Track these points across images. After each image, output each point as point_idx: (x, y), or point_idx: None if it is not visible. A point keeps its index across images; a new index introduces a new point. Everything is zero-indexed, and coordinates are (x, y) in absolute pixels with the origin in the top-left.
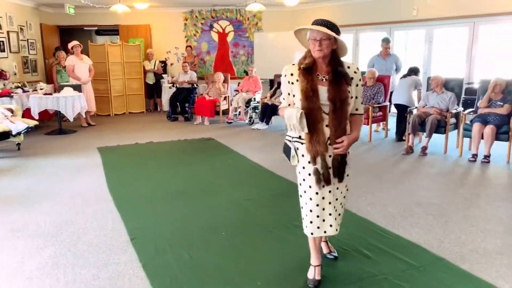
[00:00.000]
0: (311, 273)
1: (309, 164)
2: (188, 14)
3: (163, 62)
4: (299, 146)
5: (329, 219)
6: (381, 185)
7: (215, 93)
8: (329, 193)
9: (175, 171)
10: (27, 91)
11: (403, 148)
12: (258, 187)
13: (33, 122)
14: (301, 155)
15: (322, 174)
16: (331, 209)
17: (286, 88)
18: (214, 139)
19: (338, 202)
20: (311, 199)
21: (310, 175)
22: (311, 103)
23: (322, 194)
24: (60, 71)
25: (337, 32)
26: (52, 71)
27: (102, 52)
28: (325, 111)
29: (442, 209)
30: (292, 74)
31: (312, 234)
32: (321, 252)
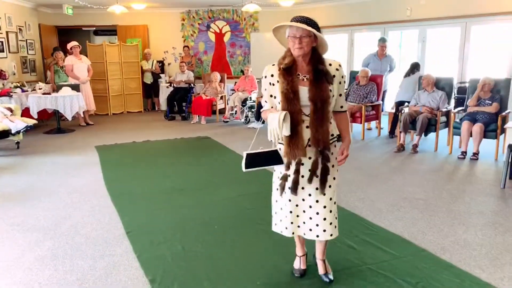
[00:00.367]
0: (297, 263)
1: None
2: (185, 14)
3: (161, 62)
4: (281, 148)
5: (304, 225)
6: (371, 181)
7: (211, 92)
8: (303, 201)
9: (171, 169)
10: (26, 90)
11: (395, 146)
12: (251, 184)
13: (32, 121)
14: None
15: (292, 180)
16: (305, 217)
17: (267, 90)
18: (211, 138)
19: (326, 210)
20: (281, 209)
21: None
22: (292, 105)
23: (295, 201)
24: (57, 71)
25: (317, 29)
26: (50, 71)
27: (100, 52)
28: (305, 113)
29: (428, 204)
30: (272, 75)
31: (288, 229)
32: (316, 272)
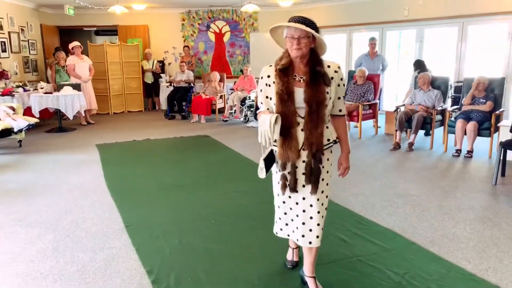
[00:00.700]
0: (290, 254)
1: (278, 172)
2: (185, 14)
3: (161, 61)
4: (276, 149)
5: (298, 230)
6: (365, 178)
7: (211, 92)
8: (297, 205)
9: (171, 166)
10: (28, 90)
11: (391, 145)
12: (248, 181)
13: (34, 120)
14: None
15: (289, 181)
16: (298, 222)
17: (263, 91)
18: (210, 136)
19: (307, 215)
20: (279, 207)
21: (279, 183)
22: (286, 107)
23: (289, 204)
24: (59, 70)
25: (316, 29)
26: (51, 71)
27: (101, 52)
28: (300, 115)
29: (420, 200)
30: (269, 76)
31: (288, 235)
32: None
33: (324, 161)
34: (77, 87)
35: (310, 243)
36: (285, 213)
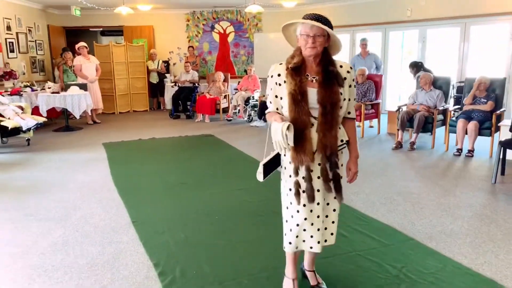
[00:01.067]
0: (289, 286)
1: (289, 178)
2: (190, 15)
3: (166, 62)
4: (286, 153)
5: (317, 234)
6: (367, 176)
7: (215, 91)
8: (318, 205)
9: (176, 165)
10: (35, 90)
11: (393, 144)
12: (252, 179)
13: (41, 119)
14: (288, 162)
15: (306, 188)
16: (319, 224)
17: (273, 90)
18: (214, 136)
19: (329, 219)
20: (292, 217)
21: (290, 190)
22: (299, 107)
23: (310, 206)
24: (66, 70)
25: (331, 28)
26: (59, 71)
27: (107, 52)
28: (314, 116)
29: (420, 198)
30: (279, 74)
31: (297, 248)
32: (308, 284)
33: (338, 163)
34: (83, 87)
35: (311, 248)
36: (297, 225)
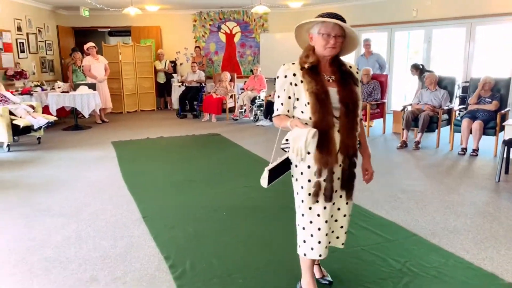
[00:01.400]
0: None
1: (309, 182)
2: (197, 15)
3: (173, 62)
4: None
5: (339, 232)
6: None
7: (222, 91)
8: (338, 210)
9: (184, 162)
10: (45, 89)
11: (398, 143)
12: (258, 177)
13: (52, 118)
14: (307, 166)
15: (325, 188)
16: (337, 225)
17: (287, 91)
18: (221, 135)
19: (346, 219)
20: (311, 222)
21: (309, 195)
22: (324, 107)
23: (330, 209)
24: (75, 70)
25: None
26: (68, 71)
27: (115, 53)
28: (335, 115)
29: (424, 196)
30: (294, 74)
31: (320, 256)
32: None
33: (356, 163)
34: (92, 86)
35: (342, 244)
36: (319, 229)
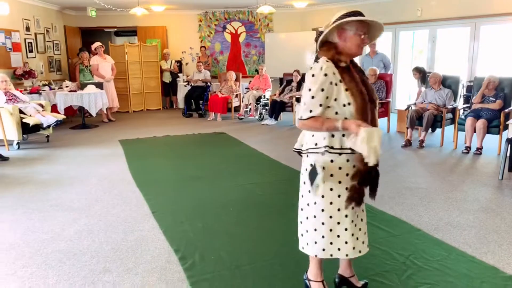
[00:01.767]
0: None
1: (339, 184)
2: (202, 15)
3: (179, 61)
4: (335, 159)
5: (351, 240)
6: None
7: (227, 90)
8: (346, 218)
9: (190, 160)
10: (53, 88)
11: (402, 142)
12: (264, 174)
13: (61, 116)
14: (338, 168)
15: (359, 192)
16: (353, 229)
17: (326, 90)
18: (226, 133)
19: (364, 222)
20: (323, 224)
21: (340, 196)
22: (367, 107)
23: (337, 218)
24: (83, 70)
25: None
26: (75, 70)
27: (121, 52)
28: None
29: (428, 192)
30: (334, 73)
31: (331, 255)
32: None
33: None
34: (99, 85)
35: (359, 251)
36: (331, 230)
